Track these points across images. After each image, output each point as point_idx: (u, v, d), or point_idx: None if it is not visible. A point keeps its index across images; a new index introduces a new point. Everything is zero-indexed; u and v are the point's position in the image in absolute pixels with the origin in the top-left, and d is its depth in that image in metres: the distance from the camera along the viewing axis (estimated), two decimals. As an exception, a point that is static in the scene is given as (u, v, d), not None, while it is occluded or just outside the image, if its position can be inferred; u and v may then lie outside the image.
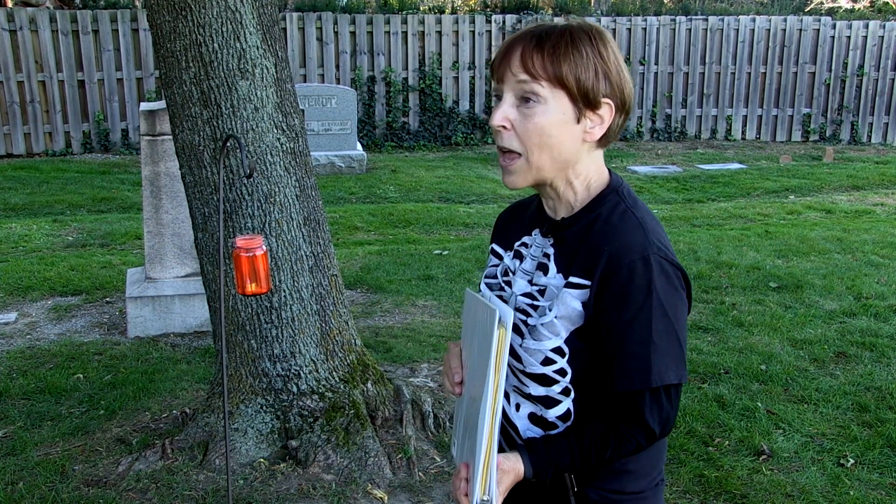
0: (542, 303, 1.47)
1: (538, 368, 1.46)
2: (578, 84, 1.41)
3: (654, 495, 1.54)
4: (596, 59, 1.42)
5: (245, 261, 1.96)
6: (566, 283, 1.44)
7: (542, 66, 1.40)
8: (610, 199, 1.48)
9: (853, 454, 3.55)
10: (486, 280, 1.63)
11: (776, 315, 5.15)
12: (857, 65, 12.82)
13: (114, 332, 4.97)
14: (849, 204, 8.92)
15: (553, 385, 1.46)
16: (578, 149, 1.46)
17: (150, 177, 4.79)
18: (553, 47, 1.40)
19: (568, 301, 1.43)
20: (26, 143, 10.92)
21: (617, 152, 11.85)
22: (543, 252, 1.51)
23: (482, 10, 13.19)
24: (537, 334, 1.45)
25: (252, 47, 3.07)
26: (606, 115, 1.45)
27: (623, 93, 1.45)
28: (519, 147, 1.44)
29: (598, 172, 1.51)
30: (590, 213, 1.48)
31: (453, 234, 7.59)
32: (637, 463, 1.49)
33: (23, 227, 7.43)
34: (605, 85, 1.43)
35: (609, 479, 1.49)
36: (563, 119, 1.42)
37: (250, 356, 3.35)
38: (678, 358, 1.40)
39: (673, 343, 1.39)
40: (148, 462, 3.37)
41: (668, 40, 12.60)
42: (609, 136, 1.48)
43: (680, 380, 1.40)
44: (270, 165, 3.19)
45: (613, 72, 1.43)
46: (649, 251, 1.39)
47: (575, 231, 1.48)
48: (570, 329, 1.43)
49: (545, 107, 1.42)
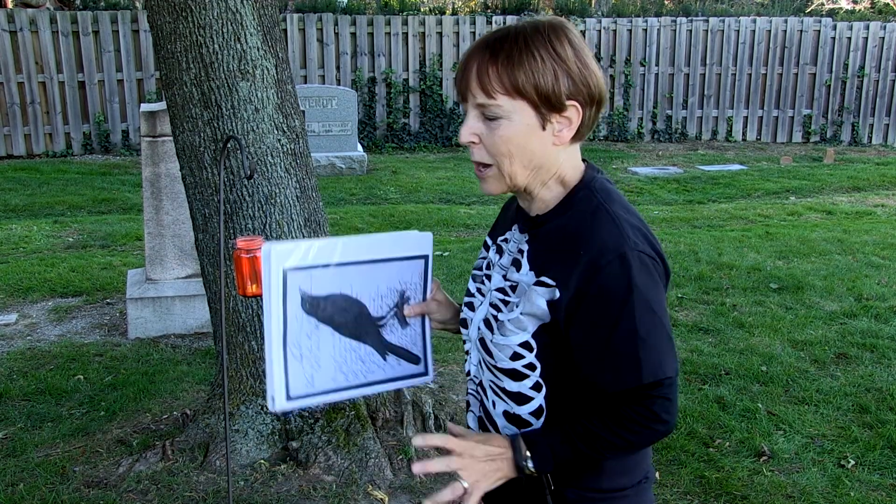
0: (513, 298, 1.48)
1: (508, 363, 1.48)
2: (538, 91, 1.38)
3: (638, 493, 1.52)
4: (553, 60, 1.39)
5: (246, 262, 1.96)
6: (536, 281, 1.44)
7: (497, 80, 1.39)
8: (582, 196, 1.46)
9: (854, 455, 3.55)
10: (473, 272, 1.65)
11: (777, 316, 5.15)
12: (858, 66, 12.82)
13: (114, 334, 4.97)
14: (849, 205, 8.92)
15: (524, 380, 1.47)
16: (550, 152, 1.45)
17: (150, 178, 4.79)
18: (507, 57, 1.38)
19: (534, 299, 1.43)
20: (27, 144, 10.92)
21: (617, 153, 11.86)
22: (518, 248, 1.52)
23: (483, 11, 13.20)
24: (504, 330, 1.46)
25: (252, 48, 3.07)
26: (574, 115, 1.43)
27: (589, 87, 1.42)
28: (489, 159, 1.45)
29: (574, 168, 1.49)
30: (563, 211, 1.47)
31: (454, 235, 7.60)
32: (615, 461, 1.47)
33: (23, 229, 7.43)
34: (568, 84, 1.40)
35: (585, 477, 1.48)
36: (527, 129, 1.41)
37: (251, 357, 3.35)
38: (668, 351, 1.39)
39: (661, 336, 1.38)
40: (148, 463, 3.37)
41: (669, 41, 12.60)
42: (582, 132, 1.46)
43: (674, 372, 1.39)
44: (271, 167, 3.19)
45: (574, 69, 1.40)
46: (625, 247, 1.37)
47: (548, 229, 1.48)
48: (537, 324, 1.43)
49: (508, 121, 1.40)
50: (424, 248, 1.68)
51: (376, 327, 1.66)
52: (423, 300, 1.70)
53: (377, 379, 1.69)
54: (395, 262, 1.65)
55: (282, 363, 1.55)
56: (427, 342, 1.74)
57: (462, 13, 13.83)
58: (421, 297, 1.70)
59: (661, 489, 3.31)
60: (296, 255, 1.53)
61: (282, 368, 1.55)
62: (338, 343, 1.62)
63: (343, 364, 1.63)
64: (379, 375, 1.69)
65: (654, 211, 8.53)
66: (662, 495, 3.27)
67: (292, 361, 1.56)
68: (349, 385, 1.65)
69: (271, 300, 1.53)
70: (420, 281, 1.69)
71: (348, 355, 1.63)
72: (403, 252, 1.66)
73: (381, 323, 1.66)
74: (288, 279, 1.53)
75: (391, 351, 1.69)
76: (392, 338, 1.69)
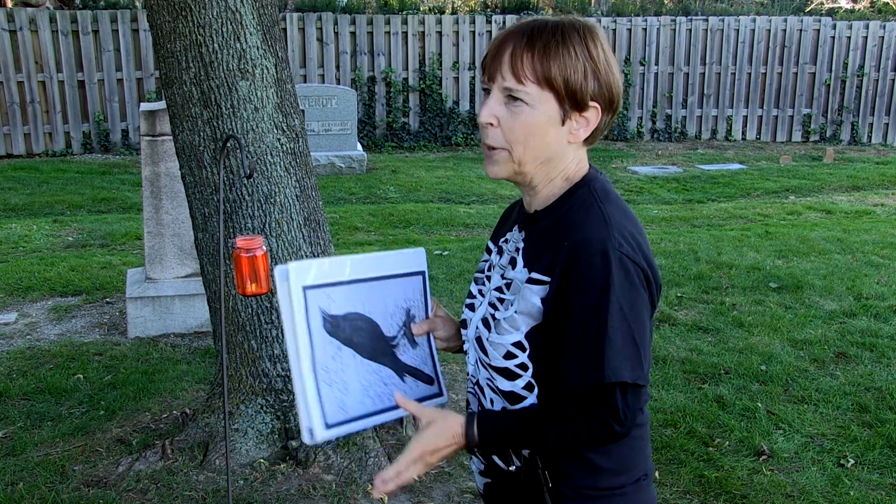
0: (508, 296, 1.49)
1: (501, 362, 1.49)
2: (567, 85, 1.41)
3: (636, 491, 1.53)
4: (585, 58, 1.42)
5: (245, 261, 1.97)
6: (528, 278, 1.45)
7: (531, 67, 1.41)
8: (580, 194, 1.48)
9: (853, 454, 3.55)
10: (475, 275, 1.66)
11: (776, 315, 5.15)
12: (858, 65, 12.82)
13: (114, 333, 4.97)
14: (849, 204, 8.92)
15: (516, 380, 1.48)
16: (562, 148, 1.47)
17: (150, 177, 4.79)
18: (544, 46, 1.41)
19: (528, 296, 1.44)
20: (26, 143, 10.92)
21: (617, 152, 11.86)
22: (516, 246, 1.53)
23: (482, 11, 13.20)
24: (499, 328, 1.48)
25: (252, 48, 3.07)
26: (593, 117, 1.46)
27: (611, 92, 1.45)
28: (504, 143, 1.46)
29: (579, 168, 1.51)
30: (559, 207, 1.49)
31: (453, 234, 7.60)
32: (610, 460, 1.48)
33: (23, 228, 7.43)
34: (594, 85, 1.43)
35: (582, 475, 1.48)
36: (548, 121, 1.43)
37: (250, 356, 3.35)
38: (633, 357, 1.37)
39: (628, 341, 1.37)
40: (148, 462, 3.37)
41: (669, 41, 12.60)
42: (595, 136, 1.49)
43: (635, 380, 1.38)
44: (271, 166, 3.19)
45: (602, 71, 1.43)
46: (608, 246, 1.38)
47: (543, 226, 1.50)
48: (530, 324, 1.44)
49: (532, 108, 1.43)
50: (420, 263, 1.66)
51: (391, 347, 1.61)
52: (426, 317, 1.68)
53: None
54: (397, 278, 1.62)
55: (314, 389, 1.46)
56: (436, 361, 1.70)
57: (462, 12, 13.83)
58: (424, 315, 1.68)
59: (661, 488, 3.31)
60: (314, 271, 1.48)
61: (315, 394, 1.46)
62: (360, 366, 1.55)
63: (369, 387, 1.56)
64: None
65: (654, 210, 8.53)
66: (662, 495, 3.27)
67: (324, 387, 1.48)
68: (377, 409, 1.57)
69: (295, 321, 1.45)
70: (421, 297, 1.67)
71: (372, 378, 1.57)
72: (402, 269, 1.63)
73: (395, 343, 1.62)
74: (308, 298, 1.47)
75: (408, 372, 1.64)
76: (406, 358, 1.64)
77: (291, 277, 1.45)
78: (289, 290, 1.45)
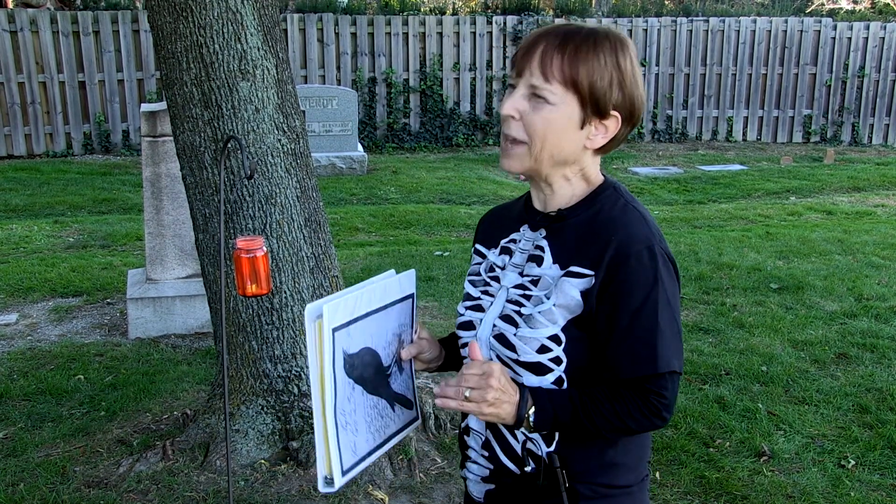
0: (537, 292, 1.50)
1: (533, 357, 1.48)
2: (591, 90, 1.45)
3: (641, 490, 1.56)
4: (613, 67, 1.45)
5: (246, 262, 1.96)
6: (566, 272, 1.47)
7: (559, 67, 1.44)
8: (608, 194, 1.53)
9: (854, 455, 3.55)
10: (469, 278, 1.66)
11: (777, 316, 5.15)
12: (858, 66, 12.82)
13: (115, 334, 4.97)
14: (850, 205, 8.92)
15: (547, 374, 1.48)
16: (578, 152, 1.51)
17: (150, 178, 4.79)
18: (575, 49, 1.44)
19: (567, 290, 1.46)
20: (27, 144, 10.93)
21: (617, 153, 11.85)
22: (535, 245, 1.55)
23: (483, 12, 13.20)
24: (533, 322, 1.48)
25: (253, 48, 3.07)
26: (612, 126, 1.49)
27: (633, 105, 1.49)
28: (524, 137, 1.49)
29: (594, 173, 1.56)
30: (589, 206, 1.52)
31: (454, 235, 7.60)
32: (626, 456, 1.52)
33: (24, 229, 7.43)
34: (618, 95, 1.47)
35: (599, 473, 1.50)
36: (568, 121, 1.47)
37: (251, 357, 3.35)
38: (678, 348, 1.45)
39: (675, 332, 1.44)
40: (149, 463, 3.37)
41: (669, 41, 12.60)
42: (610, 146, 1.53)
43: (680, 368, 1.45)
44: (271, 167, 3.19)
45: (628, 83, 1.47)
46: (654, 242, 1.45)
47: (573, 223, 1.52)
48: (567, 318, 1.46)
49: (554, 107, 1.46)
50: (411, 286, 1.65)
51: (386, 378, 1.59)
52: (412, 341, 1.67)
53: (392, 432, 1.61)
54: (395, 305, 1.60)
55: (335, 438, 1.44)
56: (414, 384, 1.68)
57: (462, 13, 13.83)
58: (409, 338, 1.67)
59: (661, 489, 3.31)
60: (341, 310, 1.43)
61: (336, 443, 1.44)
62: (365, 402, 1.53)
63: (371, 423, 1.54)
64: (392, 428, 1.61)
65: (655, 211, 8.52)
66: (662, 495, 3.27)
67: (342, 433, 1.46)
68: (378, 444, 1.56)
69: (324, 366, 1.40)
70: (409, 321, 1.65)
71: (372, 413, 1.55)
72: (400, 294, 1.61)
73: (389, 372, 1.60)
74: (336, 340, 1.43)
75: (397, 400, 1.62)
76: (395, 386, 1.62)
77: (325, 318, 1.40)
78: (320, 332, 1.40)
